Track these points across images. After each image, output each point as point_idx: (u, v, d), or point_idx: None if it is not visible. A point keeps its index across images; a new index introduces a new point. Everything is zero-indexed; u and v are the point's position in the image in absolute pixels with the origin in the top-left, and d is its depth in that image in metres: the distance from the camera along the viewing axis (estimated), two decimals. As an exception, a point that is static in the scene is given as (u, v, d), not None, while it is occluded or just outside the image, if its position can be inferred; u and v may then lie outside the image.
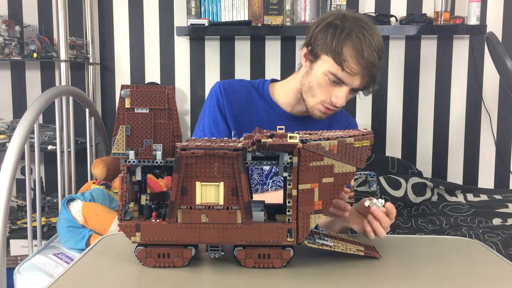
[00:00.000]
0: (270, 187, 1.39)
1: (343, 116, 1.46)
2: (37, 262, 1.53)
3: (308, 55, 1.28)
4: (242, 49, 2.42)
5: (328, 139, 0.80)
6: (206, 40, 2.43)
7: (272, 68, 2.42)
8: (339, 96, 1.23)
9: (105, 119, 2.46)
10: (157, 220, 0.81)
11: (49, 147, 2.16)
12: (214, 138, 0.90)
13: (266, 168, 1.36)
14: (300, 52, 1.33)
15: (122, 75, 2.47)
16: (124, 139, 0.79)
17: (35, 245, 1.70)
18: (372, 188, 1.07)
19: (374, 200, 0.97)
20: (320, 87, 1.25)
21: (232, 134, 1.35)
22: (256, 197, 1.23)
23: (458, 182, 2.39)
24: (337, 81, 1.22)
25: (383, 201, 0.98)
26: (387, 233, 0.99)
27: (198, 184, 0.79)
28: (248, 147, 0.79)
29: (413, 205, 1.99)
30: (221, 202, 0.79)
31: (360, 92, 1.29)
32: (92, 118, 2.17)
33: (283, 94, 1.38)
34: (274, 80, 1.44)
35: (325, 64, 1.22)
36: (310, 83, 1.27)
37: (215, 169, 0.79)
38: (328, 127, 1.41)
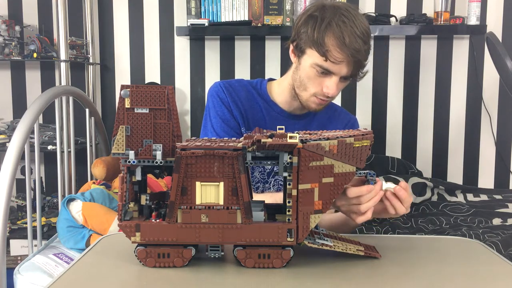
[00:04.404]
0: (272, 186, 1.39)
1: (342, 114, 1.46)
2: (37, 262, 1.53)
3: (294, 51, 1.29)
4: (242, 49, 2.42)
5: (328, 139, 0.80)
6: (206, 40, 2.43)
7: (272, 68, 2.42)
8: (330, 86, 1.23)
9: (105, 119, 2.46)
10: (157, 220, 0.81)
11: (49, 147, 2.16)
12: (214, 138, 0.90)
13: (268, 166, 1.36)
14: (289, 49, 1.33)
15: (122, 75, 2.47)
16: (124, 139, 0.79)
17: (35, 245, 1.70)
18: None
19: (385, 185, 0.96)
20: (310, 79, 1.25)
21: (242, 131, 1.35)
22: (258, 197, 1.23)
23: (458, 182, 2.39)
24: (325, 72, 1.22)
25: (394, 184, 0.97)
26: (387, 233, 0.99)
27: (198, 184, 0.79)
28: (248, 147, 0.79)
29: (413, 205, 1.99)
30: (221, 202, 0.79)
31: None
32: (92, 118, 2.17)
33: (279, 92, 1.39)
34: (271, 80, 1.45)
35: (310, 57, 1.23)
36: (301, 77, 1.28)
37: (215, 169, 0.79)
38: (328, 124, 1.41)
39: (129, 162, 0.80)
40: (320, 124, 1.40)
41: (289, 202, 0.80)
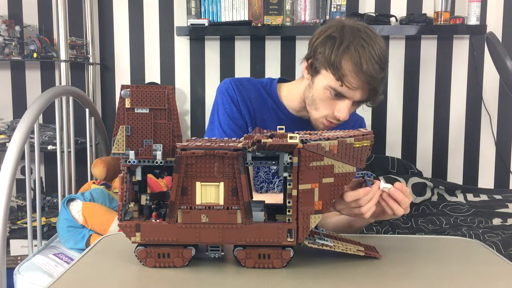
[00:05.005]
0: (276, 186, 1.39)
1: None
2: (37, 262, 1.53)
3: (309, 69, 1.27)
4: (242, 49, 2.42)
5: (328, 139, 0.80)
6: (206, 40, 2.43)
7: (272, 68, 2.42)
8: (342, 110, 1.21)
9: (105, 119, 2.46)
10: (157, 220, 0.81)
11: (49, 147, 2.16)
12: (214, 138, 0.90)
13: (274, 167, 1.36)
14: (302, 64, 1.31)
15: (122, 75, 2.47)
16: (124, 139, 0.79)
17: (35, 245, 1.70)
18: None
19: (382, 185, 0.96)
20: (322, 101, 1.23)
21: (249, 131, 1.34)
22: (258, 197, 1.23)
23: (458, 182, 2.39)
24: (339, 95, 1.20)
25: (390, 185, 0.96)
26: (387, 233, 0.98)
27: (198, 184, 0.79)
28: (248, 147, 0.79)
29: (413, 205, 1.99)
30: (221, 202, 0.79)
31: (364, 104, 1.27)
32: (92, 118, 2.17)
33: (289, 98, 1.37)
34: (281, 80, 1.43)
35: (325, 79, 1.20)
36: (313, 97, 1.25)
37: (215, 169, 0.79)
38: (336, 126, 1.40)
39: (129, 162, 0.80)
40: None
41: (289, 202, 0.80)
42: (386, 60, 1.19)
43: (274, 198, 1.29)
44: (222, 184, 0.79)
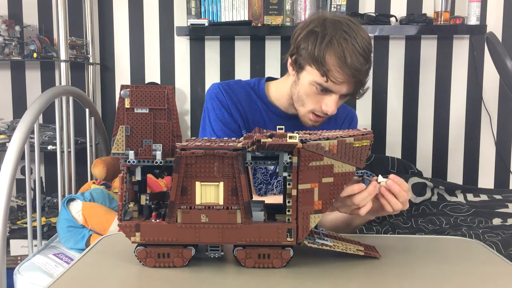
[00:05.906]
0: (275, 187, 1.39)
1: (340, 108, 1.43)
2: (37, 262, 1.53)
3: (293, 65, 1.26)
4: (242, 49, 2.42)
5: (328, 139, 0.80)
6: (206, 40, 2.43)
7: (272, 68, 2.42)
8: (329, 104, 1.21)
9: (105, 119, 2.46)
10: (157, 220, 0.81)
11: (49, 147, 2.16)
12: (214, 138, 0.89)
13: (271, 167, 1.35)
14: (287, 61, 1.30)
15: (122, 75, 2.47)
16: (124, 139, 0.79)
17: (35, 245, 1.70)
18: None
19: (380, 178, 0.95)
20: (309, 96, 1.23)
21: (243, 133, 1.34)
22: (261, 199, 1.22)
23: (458, 182, 2.39)
24: (325, 90, 1.20)
25: (386, 179, 0.95)
26: (387, 233, 0.98)
27: (198, 184, 0.79)
28: (248, 147, 0.79)
29: (413, 205, 1.99)
30: (221, 202, 0.79)
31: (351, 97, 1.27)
32: (92, 118, 2.17)
33: (277, 96, 1.37)
34: (269, 79, 1.43)
35: (310, 74, 1.20)
36: (299, 93, 1.25)
37: (215, 169, 0.79)
38: (327, 122, 1.40)
39: (129, 162, 0.80)
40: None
41: (289, 202, 0.80)
42: (370, 50, 1.17)
43: (276, 200, 1.28)
44: (221, 184, 0.79)
